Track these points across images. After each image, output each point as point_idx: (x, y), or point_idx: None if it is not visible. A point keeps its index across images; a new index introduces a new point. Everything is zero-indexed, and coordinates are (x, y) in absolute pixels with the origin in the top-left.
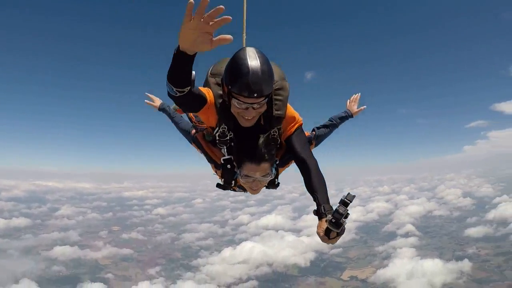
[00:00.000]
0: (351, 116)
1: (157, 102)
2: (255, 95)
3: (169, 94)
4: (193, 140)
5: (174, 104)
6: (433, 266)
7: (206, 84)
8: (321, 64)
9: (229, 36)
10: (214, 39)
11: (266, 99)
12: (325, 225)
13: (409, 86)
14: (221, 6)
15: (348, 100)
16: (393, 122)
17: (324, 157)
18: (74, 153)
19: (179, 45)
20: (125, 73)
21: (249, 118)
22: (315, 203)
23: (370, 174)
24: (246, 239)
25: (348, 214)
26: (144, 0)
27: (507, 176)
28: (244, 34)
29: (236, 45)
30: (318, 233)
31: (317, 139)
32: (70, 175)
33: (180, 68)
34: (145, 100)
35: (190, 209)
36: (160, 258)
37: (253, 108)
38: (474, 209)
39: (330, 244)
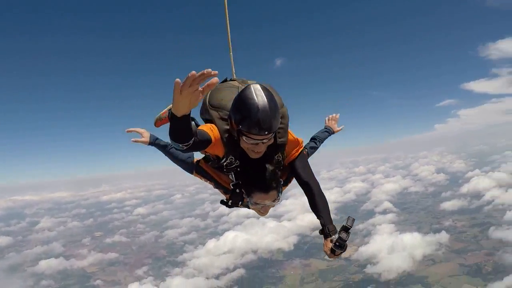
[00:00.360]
0: (333, 133)
1: (145, 135)
2: (266, 132)
3: (175, 148)
4: (196, 169)
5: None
6: (413, 240)
7: (207, 116)
8: (291, 51)
9: (215, 80)
10: (201, 89)
11: (274, 133)
12: (330, 245)
13: (381, 69)
14: (215, 72)
15: (327, 118)
16: (366, 104)
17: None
18: (48, 163)
19: (173, 113)
20: (91, 79)
21: (259, 151)
22: (319, 222)
23: (346, 156)
24: (228, 229)
25: (349, 236)
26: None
27: (478, 152)
28: (231, 53)
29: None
30: (325, 252)
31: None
32: (46, 186)
33: (181, 128)
34: (132, 139)
35: (170, 205)
36: (147, 258)
37: (263, 143)
38: (448, 184)
39: (312, 228)
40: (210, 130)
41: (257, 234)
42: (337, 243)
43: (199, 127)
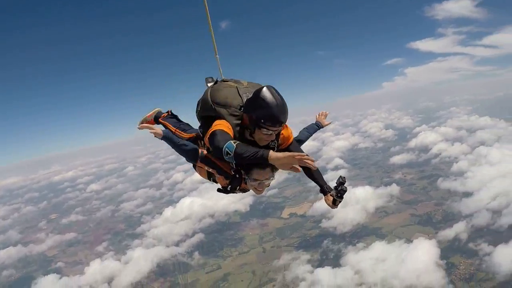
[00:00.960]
0: (322, 127)
1: (158, 129)
2: (281, 125)
3: (222, 156)
4: (202, 159)
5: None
6: (365, 193)
7: (212, 113)
8: (235, 13)
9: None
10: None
11: None
12: (331, 198)
13: (325, 29)
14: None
15: (318, 114)
16: (311, 64)
17: None
18: None
19: (267, 159)
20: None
21: (270, 140)
22: (317, 185)
23: (295, 116)
24: (184, 196)
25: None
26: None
27: (425, 108)
28: (217, 56)
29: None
30: (328, 204)
31: None
32: None
33: (255, 163)
34: (149, 131)
35: (124, 178)
36: (105, 234)
37: (274, 133)
38: (396, 139)
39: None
40: (228, 129)
41: (213, 198)
42: (339, 194)
43: (217, 128)
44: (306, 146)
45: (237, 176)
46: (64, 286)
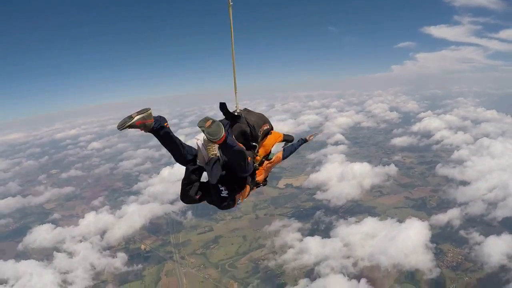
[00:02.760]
0: (306, 141)
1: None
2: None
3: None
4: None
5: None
6: (362, 169)
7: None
8: None
9: None
10: None
11: None
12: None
13: (338, 5)
14: None
15: (308, 136)
16: (322, 39)
17: (255, 73)
18: None
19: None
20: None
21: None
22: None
23: (301, 90)
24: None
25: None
26: None
27: (432, 95)
28: (236, 92)
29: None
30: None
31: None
32: None
33: None
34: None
35: (125, 138)
36: (103, 191)
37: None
38: (400, 122)
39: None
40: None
41: None
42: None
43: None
44: (309, 120)
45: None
46: (57, 235)
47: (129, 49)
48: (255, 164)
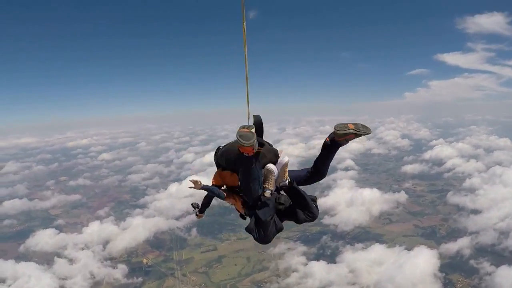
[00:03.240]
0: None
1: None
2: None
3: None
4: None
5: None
6: (372, 195)
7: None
8: (262, 6)
9: None
10: None
11: None
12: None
13: (352, 31)
14: None
15: None
16: (335, 64)
17: (268, 96)
18: (12, 107)
19: None
20: (55, 21)
21: None
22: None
23: (312, 115)
24: (191, 175)
25: None
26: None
27: (444, 123)
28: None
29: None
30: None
31: None
32: (11, 131)
33: None
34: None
35: (135, 152)
36: (109, 202)
37: None
38: (411, 149)
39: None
40: None
41: None
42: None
43: None
44: (320, 144)
45: None
46: (60, 240)
47: (146, 64)
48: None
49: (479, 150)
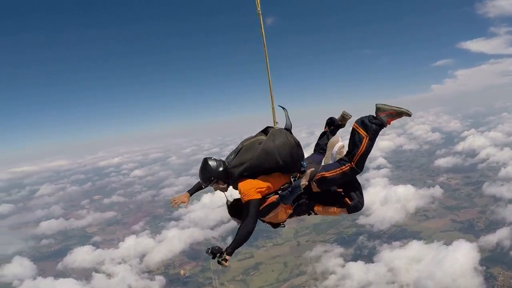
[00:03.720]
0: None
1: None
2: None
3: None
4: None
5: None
6: (406, 192)
7: None
8: (282, 9)
9: None
10: None
11: None
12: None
13: (373, 30)
14: None
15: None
16: (358, 62)
17: (293, 102)
18: (43, 131)
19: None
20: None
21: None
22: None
23: (339, 113)
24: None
25: None
26: None
27: (474, 113)
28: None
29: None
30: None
31: None
32: (43, 155)
33: None
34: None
35: (167, 166)
36: (144, 217)
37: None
38: (443, 142)
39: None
40: None
41: None
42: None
43: None
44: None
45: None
46: (97, 256)
47: (173, 79)
48: None
49: None
